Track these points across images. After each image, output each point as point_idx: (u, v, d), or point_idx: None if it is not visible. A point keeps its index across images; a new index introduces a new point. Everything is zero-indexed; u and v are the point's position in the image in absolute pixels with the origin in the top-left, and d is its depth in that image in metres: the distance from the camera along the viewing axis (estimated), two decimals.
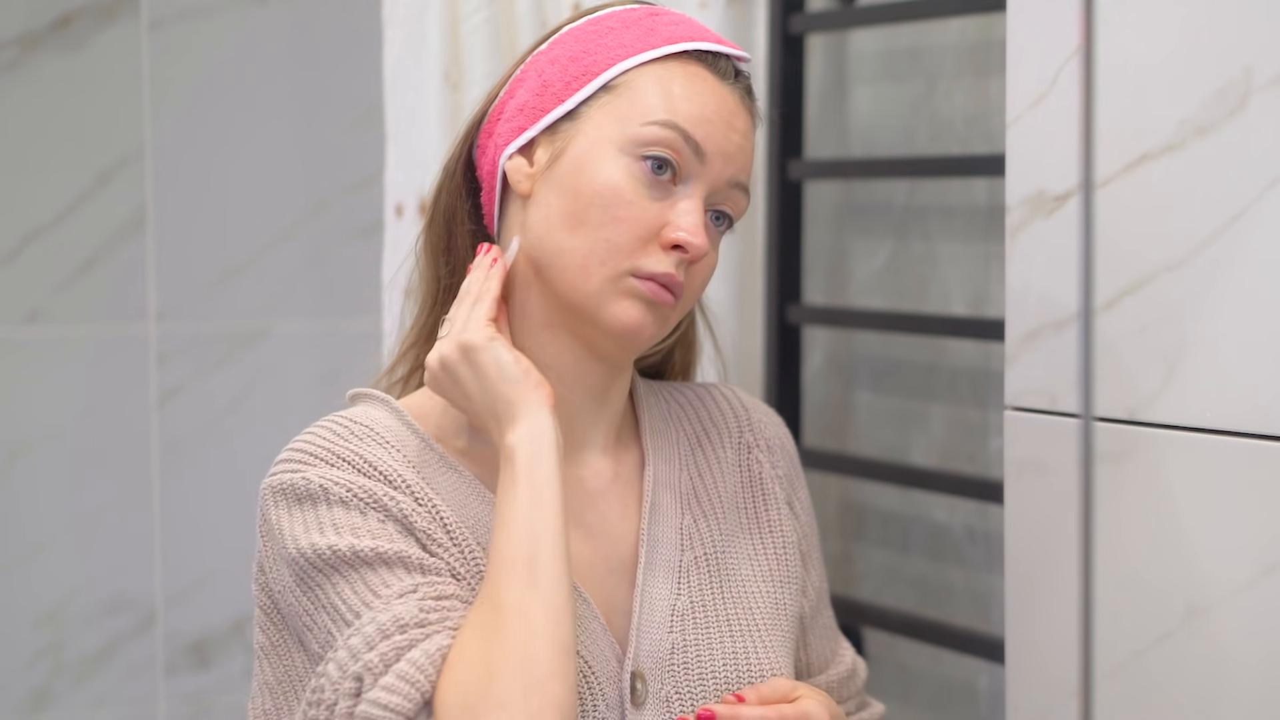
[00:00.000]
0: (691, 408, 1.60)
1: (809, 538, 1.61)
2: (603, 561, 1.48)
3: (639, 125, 1.44)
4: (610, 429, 1.53)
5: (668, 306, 1.45)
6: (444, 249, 1.55)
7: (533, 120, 1.48)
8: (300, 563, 1.40)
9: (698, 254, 1.44)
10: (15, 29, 2.58)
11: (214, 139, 2.69)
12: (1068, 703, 1.56)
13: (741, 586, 1.53)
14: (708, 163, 1.45)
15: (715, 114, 1.46)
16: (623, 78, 1.46)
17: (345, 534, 1.39)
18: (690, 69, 1.47)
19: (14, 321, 2.61)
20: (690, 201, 1.44)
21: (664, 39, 1.47)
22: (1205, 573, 1.46)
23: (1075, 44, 1.54)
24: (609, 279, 1.43)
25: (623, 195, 1.43)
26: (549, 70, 1.49)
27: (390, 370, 1.58)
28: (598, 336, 1.46)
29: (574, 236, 1.44)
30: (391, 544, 1.39)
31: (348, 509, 1.40)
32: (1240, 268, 1.43)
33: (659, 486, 1.53)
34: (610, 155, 1.44)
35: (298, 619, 1.41)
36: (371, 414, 1.48)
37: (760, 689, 1.47)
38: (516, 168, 1.48)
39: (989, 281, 2.16)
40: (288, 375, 2.74)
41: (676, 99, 1.45)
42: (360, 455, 1.43)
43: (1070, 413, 1.56)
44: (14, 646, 2.62)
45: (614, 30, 1.49)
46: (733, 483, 1.57)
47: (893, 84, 2.29)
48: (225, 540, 2.69)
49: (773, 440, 1.61)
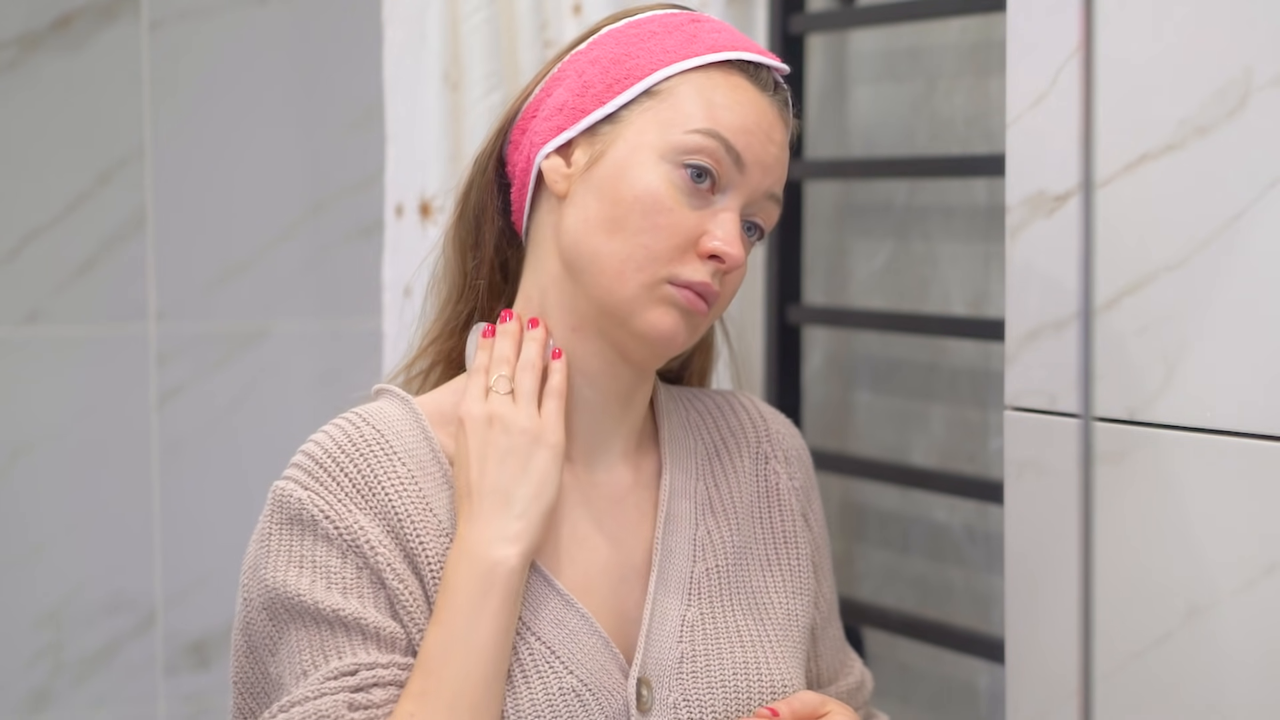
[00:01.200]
0: (710, 416, 1.60)
1: (821, 549, 1.60)
2: (615, 568, 1.48)
3: (681, 133, 1.44)
4: (631, 434, 1.53)
5: (701, 315, 1.45)
6: (472, 244, 1.54)
7: (572, 120, 1.47)
8: (274, 593, 1.43)
9: (734, 264, 1.44)
10: (15, 29, 2.58)
11: (214, 139, 2.69)
12: (1068, 703, 1.56)
13: (754, 598, 1.52)
14: (747, 173, 1.45)
15: (756, 125, 1.46)
16: (665, 84, 1.46)
17: (319, 580, 1.41)
18: (733, 79, 1.47)
19: (14, 321, 2.61)
20: (729, 213, 1.45)
21: (707, 47, 1.47)
22: (1205, 573, 1.46)
23: (1075, 44, 1.54)
24: (645, 285, 1.43)
25: (663, 202, 1.43)
26: (589, 71, 1.48)
27: (411, 363, 1.58)
28: (629, 342, 1.46)
29: (611, 241, 1.44)
30: (355, 605, 1.41)
31: (329, 547, 1.42)
32: (1240, 268, 1.43)
33: (675, 496, 1.53)
34: (651, 161, 1.44)
35: (262, 635, 1.45)
36: (389, 415, 1.48)
37: (791, 703, 1.47)
38: (554, 168, 1.48)
39: (989, 281, 2.16)
40: (288, 375, 2.74)
41: (718, 108, 1.45)
42: (365, 474, 1.44)
43: (1070, 413, 1.56)
44: (14, 646, 2.62)
45: (657, 35, 1.48)
46: (749, 493, 1.57)
47: (893, 84, 2.29)
48: (225, 540, 2.68)
49: (790, 451, 1.60)
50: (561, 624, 1.44)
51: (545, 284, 1.49)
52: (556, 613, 1.44)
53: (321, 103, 2.74)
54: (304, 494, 1.43)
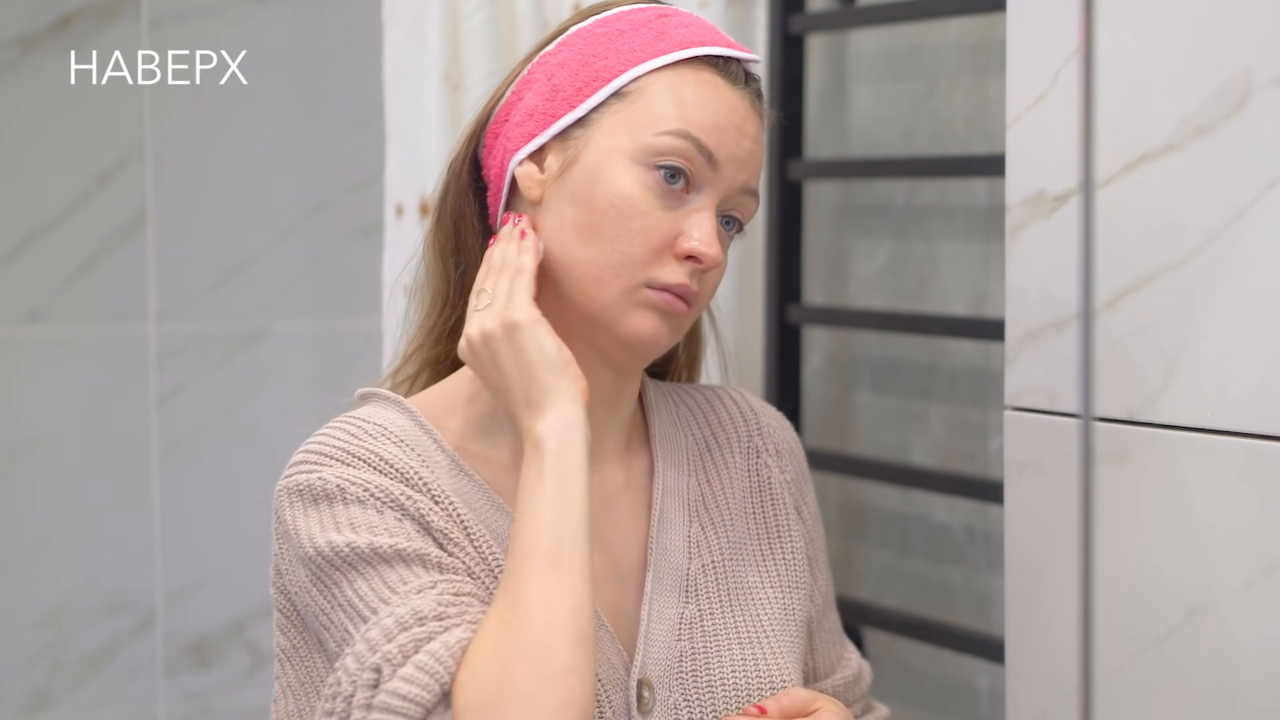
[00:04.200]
0: (700, 411, 1.59)
1: (815, 543, 1.60)
2: (611, 569, 1.48)
3: (652, 135, 1.43)
4: (621, 435, 1.52)
5: (682, 315, 1.45)
6: (453, 249, 1.54)
7: (543, 126, 1.47)
8: (318, 561, 1.39)
9: (712, 264, 1.44)
10: (15, 29, 2.58)
11: (214, 139, 2.69)
12: (1068, 703, 1.56)
13: (750, 594, 1.52)
14: (720, 170, 1.44)
15: (728, 121, 1.45)
16: (635, 84, 1.45)
17: (363, 532, 1.38)
18: (703, 75, 1.46)
19: (14, 321, 2.61)
20: (704, 212, 1.44)
21: (676, 43, 1.46)
22: (1205, 572, 1.46)
23: (1075, 44, 1.54)
24: (624, 291, 1.43)
25: (637, 206, 1.43)
26: (558, 74, 1.47)
27: (397, 370, 1.57)
28: (611, 346, 1.46)
29: (588, 247, 1.43)
30: (409, 542, 1.38)
31: (364, 507, 1.39)
32: (1240, 268, 1.43)
33: (667, 494, 1.52)
34: (623, 165, 1.43)
35: (315, 619, 1.41)
36: (384, 414, 1.47)
37: (780, 700, 1.47)
38: (527, 174, 1.47)
39: (989, 281, 2.16)
40: (288, 375, 2.74)
41: (689, 106, 1.44)
42: (376, 454, 1.42)
43: (1070, 413, 1.56)
44: (14, 646, 2.62)
45: (624, 33, 1.47)
46: (741, 488, 1.57)
47: (893, 84, 2.29)
48: (225, 540, 2.69)
49: (781, 445, 1.60)
50: None
51: None
52: None
53: (321, 103, 2.74)
54: (321, 471, 1.41)
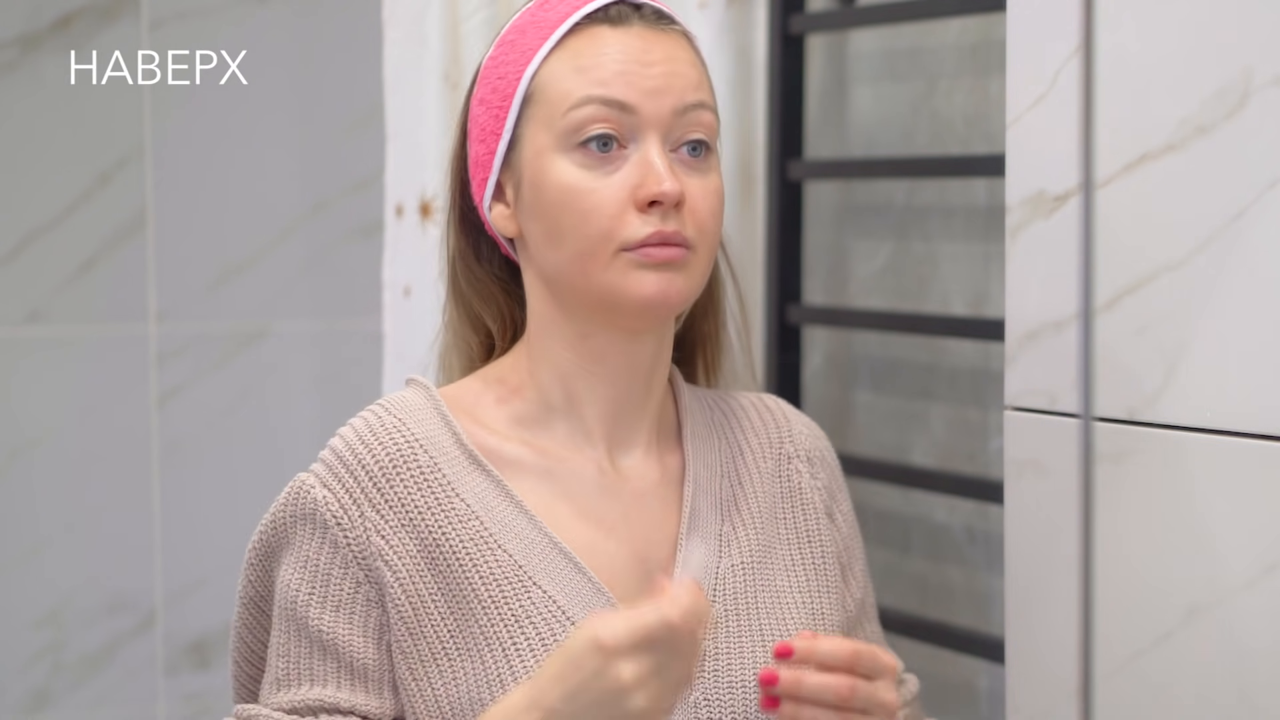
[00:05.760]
0: (735, 417, 1.59)
1: (851, 550, 1.60)
2: (639, 565, 1.48)
3: (561, 118, 1.44)
4: (653, 423, 1.53)
5: (679, 260, 1.44)
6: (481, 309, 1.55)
7: (487, 170, 1.49)
8: (282, 590, 1.47)
9: (673, 197, 1.42)
10: (15, 29, 2.58)
11: (214, 139, 2.69)
12: (1068, 703, 1.56)
13: (778, 596, 1.52)
14: (641, 111, 1.44)
15: (624, 62, 1.44)
16: (535, 81, 1.46)
17: (317, 589, 1.44)
18: (589, 32, 1.46)
19: (14, 321, 2.61)
20: (645, 156, 1.44)
21: (555, 22, 1.47)
22: (1206, 572, 1.46)
23: (1075, 44, 1.54)
24: (604, 266, 1.43)
25: (577, 190, 1.43)
26: (481, 114, 1.50)
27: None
28: (628, 319, 1.46)
29: (561, 249, 1.45)
30: (343, 627, 1.43)
31: (335, 554, 1.44)
32: (1240, 268, 1.43)
33: (699, 493, 1.52)
34: (552, 160, 1.45)
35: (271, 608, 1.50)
36: (410, 401, 1.49)
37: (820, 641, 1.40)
38: (499, 215, 1.50)
39: (989, 281, 2.16)
40: (288, 375, 2.74)
41: (586, 71, 1.44)
42: (384, 464, 1.45)
43: (1070, 413, 1.56)
44: (14, 646, 2.62)
45: (514, 41, 1.49)
46: (771, 493, 1.56)
47: (893, 84, 2.29)
48: (225, 540, 2.68)
49: (813, 452, 1.60)
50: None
51: (540, 308, 1.50)
52: (590, 601, 1.44)
53: (321, 103, 2.74)
54: (322, 493, 1.45)
